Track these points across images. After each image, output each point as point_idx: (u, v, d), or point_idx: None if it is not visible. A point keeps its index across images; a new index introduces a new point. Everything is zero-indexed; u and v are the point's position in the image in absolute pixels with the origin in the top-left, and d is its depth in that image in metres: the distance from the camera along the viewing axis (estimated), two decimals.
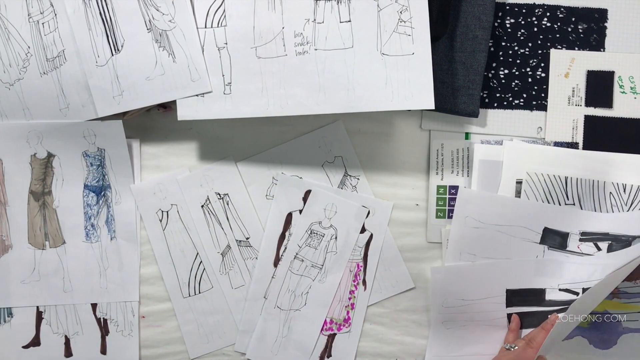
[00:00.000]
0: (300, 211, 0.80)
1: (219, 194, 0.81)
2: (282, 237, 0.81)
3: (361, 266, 0.81)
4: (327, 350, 0.81)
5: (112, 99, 0.73)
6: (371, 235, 0.81)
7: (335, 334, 0.81)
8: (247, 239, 0.81)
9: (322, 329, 0.80)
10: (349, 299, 0.81)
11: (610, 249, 0.79)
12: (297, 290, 0.80)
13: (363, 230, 0.81)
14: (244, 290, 0.81)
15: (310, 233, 0.80)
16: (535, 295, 0.79)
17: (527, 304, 0.80)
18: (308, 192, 0.80)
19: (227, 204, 0.81)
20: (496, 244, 0.79)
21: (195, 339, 0.81)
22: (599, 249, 0.79)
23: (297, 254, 0.80)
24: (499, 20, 0.80)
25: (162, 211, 0.80)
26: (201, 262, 0.81)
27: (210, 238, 0.81)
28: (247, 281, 0.81)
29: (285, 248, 0.80)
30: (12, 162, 0.78)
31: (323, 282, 0.80)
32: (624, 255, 0.78)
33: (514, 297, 0.79)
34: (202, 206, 0.81)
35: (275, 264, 0.81)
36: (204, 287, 0.81)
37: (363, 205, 0.80)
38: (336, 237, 0.80)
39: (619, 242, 0.79)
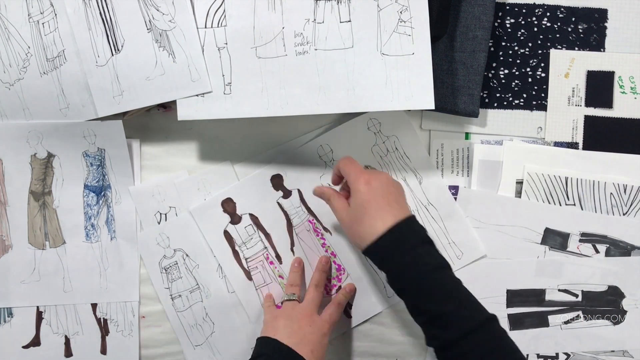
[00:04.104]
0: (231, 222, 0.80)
1: None
2: (235, 253, 0.81)
3: (312, 220, 0.81)
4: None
5: (112, 99, 0.73)
6: (299, 191, 0.81)
7: (340, 286, 0.81)
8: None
9: (327, 292, 0.80)
10: (326, 251, 0.81)
11: (608, 253, 0.79)
12: None
13: (288, 194, 0.81)
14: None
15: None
16: (536, 296, 0.79)
17: (527, 304, 0.80)
18: (226, 201, 0.80)
19: None
20: (496, 244, 0.79)
21: None
22: (597, 251, 0.79)
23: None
24: (499, 20, 0.80)
25: (160, 213, 0.80)
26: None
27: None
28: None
29: (245, 259, 0.81)
30: (12, 162, 0.78)
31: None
32: (621, 263, 0.79)
33: (514, 297, 0.79)
34: None
35: (249, 277, 0.81)
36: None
37: None
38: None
39: (617, 247, 0.79)
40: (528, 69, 0.80)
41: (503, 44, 0.80)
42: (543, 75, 0.80)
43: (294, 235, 0.81)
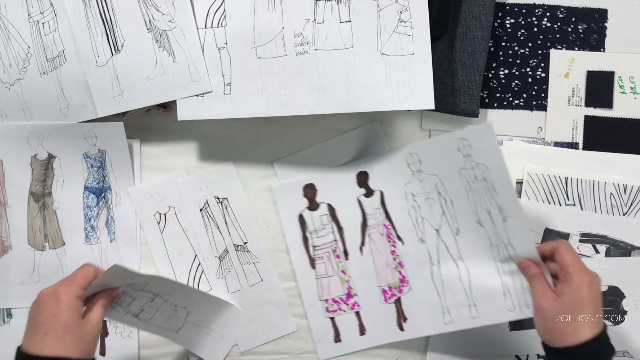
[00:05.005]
0: (309, 208, 0.80)
1: (218, 198, 0.80)
2: (305, 238, 0.80)
3: (388, 225, 0.79)
4: (401, 315, 0.79)
5: (112, 99, 0.73)
6: (382, 193, 0.79)
7: (399, 297, 0.79)
8: (245, 243, 0.81)
9: (385, 299, 0.79)
10: (394, 259, 0.79)
11: (608, 253, 0.79)
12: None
13: (371, 193, 0.80)
14: (240, 295, 0.81)
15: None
16: None
17: None
18: (308, 186, 0.80)
19: (226, 208, 0.80)
20: None
21: None
22: (597, 251, 0.79)
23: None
24: (499, 20, 0.80)
25: (160, 214, 0.80)
26: (199, 264, 0.81)
27: (207, 242, 0.81)
28: (244, 286, 0.81)
29: (313, 247, 0.80)
30: (12, 163, 0.78)
31: (358, 259, 0.80)
32: (621, 263, 0.79)
33: None
34: (201, 210, 0.80)
35: (313, 265, 0.80)
36: (202, 289, 0.81)
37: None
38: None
39: (617, 247, 0.79)
40: (528, 69, 0.80)
41: (503, 44, 0.80)
42: (543, 75, 0.80)
43: (366, 235, 0.80)
